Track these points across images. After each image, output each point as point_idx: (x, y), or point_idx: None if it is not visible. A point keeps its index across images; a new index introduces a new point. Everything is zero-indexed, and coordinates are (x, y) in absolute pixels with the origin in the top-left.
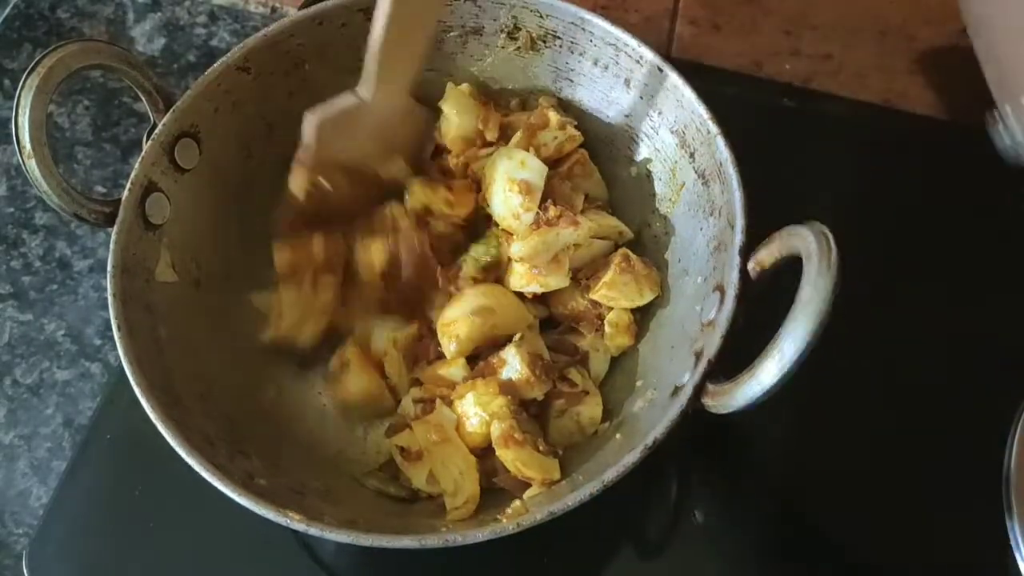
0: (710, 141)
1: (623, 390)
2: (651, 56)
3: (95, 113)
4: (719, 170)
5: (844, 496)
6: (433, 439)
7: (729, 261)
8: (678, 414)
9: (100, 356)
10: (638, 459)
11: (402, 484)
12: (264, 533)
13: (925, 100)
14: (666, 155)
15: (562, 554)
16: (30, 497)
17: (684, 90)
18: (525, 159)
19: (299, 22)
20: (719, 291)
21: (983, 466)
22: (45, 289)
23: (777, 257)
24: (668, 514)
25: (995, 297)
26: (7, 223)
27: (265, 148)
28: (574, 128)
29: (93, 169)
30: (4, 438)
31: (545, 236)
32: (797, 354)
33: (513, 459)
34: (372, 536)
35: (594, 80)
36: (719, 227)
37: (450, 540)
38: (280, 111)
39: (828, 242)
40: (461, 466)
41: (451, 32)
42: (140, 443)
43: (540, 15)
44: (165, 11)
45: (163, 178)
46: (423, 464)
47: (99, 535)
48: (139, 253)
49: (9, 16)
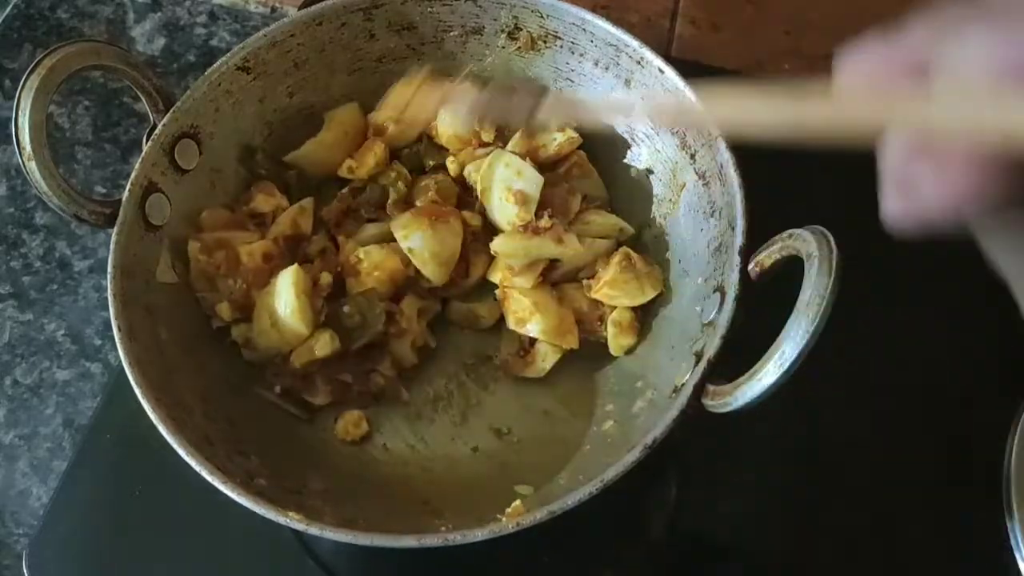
0: (711, 143)
1: (623, 390)
2: (652, 57)
3: (95, 113)
4: (720, 171)
5: (844, 495)
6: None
7: (729, 262)
8: (678, 414)
9: (100, 356)
10: (638, 459)
11: (302, 401)
12: (264, 533)
13: None
14: (667, 156)
15: (562, 553)
16: (30, 497)
17: (685, 91)
18: (521, 169)
19: (299, 22)
20: (719, 292)
21: (983, 466)
22: (45, 289)
23: (777, 258)
24: (668, 514)
25: (996, 297)
26: (7, 223)
27: (265, 148)
28: (573, 130)
29: (93, 169)
30: (4, 438)
31: (527, 242)
32: (797, 355)
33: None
34: (372, 536)
35: (595, 81)
36: (720, 228)
37: (450, 539)
38: (280, 111)
39: (829, 243)
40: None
41: (451, 32)
42: (140, 443)
43: (541, 15)
44: (165, 11)
45: (163, 179)
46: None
47: (99, 535)
48: (139, 254)
49: (9, 16)
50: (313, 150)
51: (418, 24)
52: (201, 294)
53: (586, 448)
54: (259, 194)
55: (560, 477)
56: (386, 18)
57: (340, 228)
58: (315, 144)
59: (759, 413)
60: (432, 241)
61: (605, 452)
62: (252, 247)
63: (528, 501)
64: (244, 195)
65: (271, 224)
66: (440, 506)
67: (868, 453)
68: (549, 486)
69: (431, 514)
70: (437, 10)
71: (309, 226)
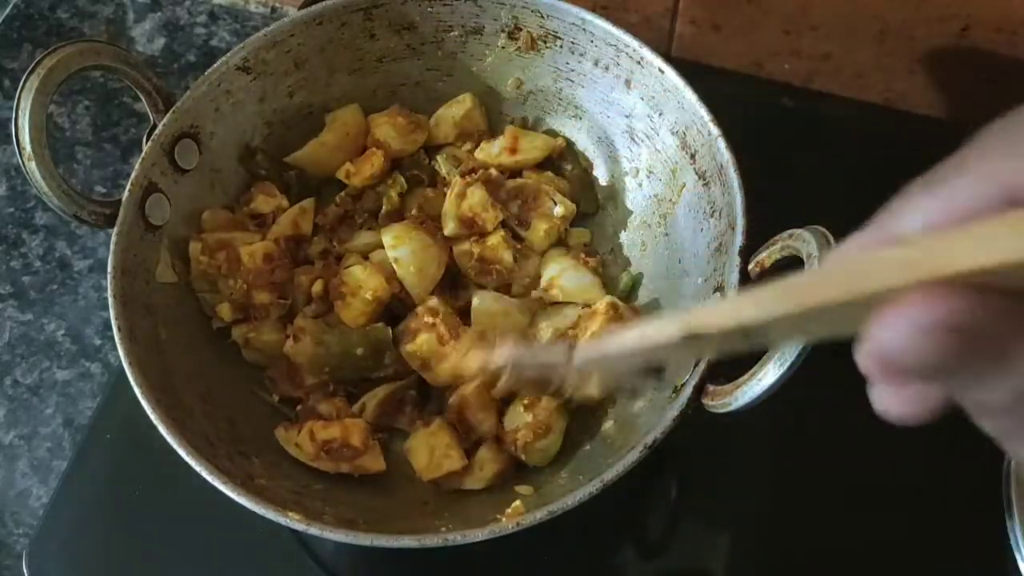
0: (711, 143)
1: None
2: (652, 57)
3: (95, 113)
4: (720, 172)
5: (844, 494)
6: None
7: (729, 262)
8: (678, 414)
9: (100, 356)
10: (638, 459)
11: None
12: (264, 532)
13: (925, 100)
14: (667, 156)
15: (561, 553)
16: (30, 497)
17: (685, 91)
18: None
19: (299, 22)
20: (719, 292)
21: (983, 466)
22: (45, 289)
23: (778, 258)
24: (667, 513)
25: None
26: (7, 223)
27: (265, 148)
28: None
29: (93, 169)
30: (4, 438)
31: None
32: (797, 354)
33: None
34: (372, 536)
35: (595, 81)
36: (719, 228)
37: (450, 539)
38: (280, 111)
39: (829, 243)
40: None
41: (451, 32)
42: (140, 443)
43: (541, 15)
44: (165, 11)
45: (163, 179)
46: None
47: (99, 535)
48: (139, 254)
49: (9, 16)
50: (315, 151)
51: (418, 24)
52: (202, 294)
53: (586, 448)
54: (259, 194)
55: (560, 477)
56: (386, 18)
57: (335, 233)
58: (317, 145)
59: (759, 413)
60: (418, 255)
61: (605, 452)
62: (253, 248)
63: (528, 501)
64: (244, 195)
65: (271, 224)
66: (440, 507)
67: (867, 453)
68: (549, 486)
69: (431, 515)
70: (437, 10)
71: (310, 227)
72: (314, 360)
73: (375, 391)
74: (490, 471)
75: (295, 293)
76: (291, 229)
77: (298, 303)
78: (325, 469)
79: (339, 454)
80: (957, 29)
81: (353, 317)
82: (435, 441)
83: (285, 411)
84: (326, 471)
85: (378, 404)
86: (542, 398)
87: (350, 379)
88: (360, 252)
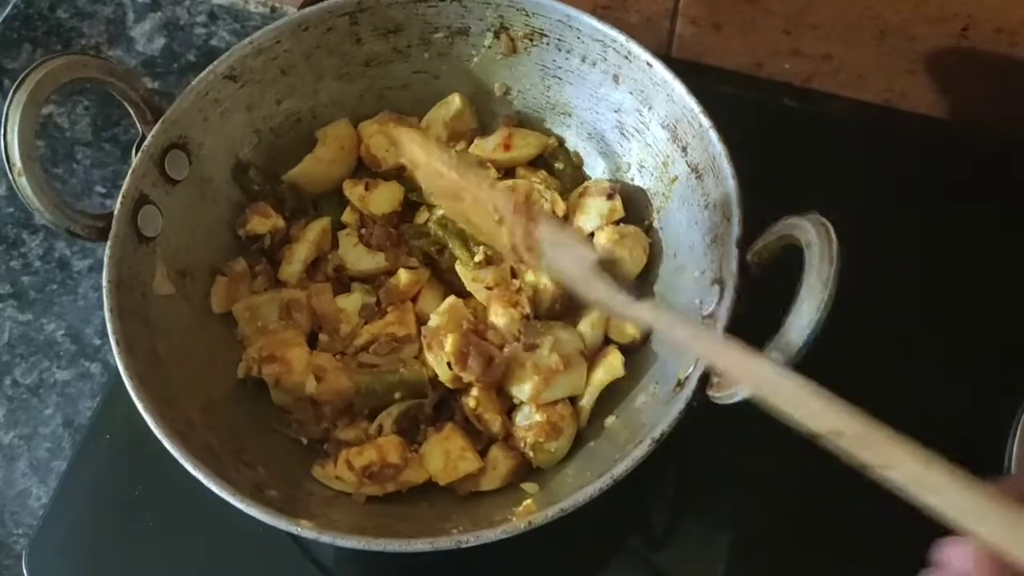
0: (702, 135)
1: (625, 385)
2: (639, 51)
3: (95, 113)
4: (712, 163)
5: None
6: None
7: (727, 254)
8: (685, 406)
9: (100, 356)
10: (647, 452)
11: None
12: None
13: (925, 100)
14: (658, 150)
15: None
16: (30, 497)
17: (674, 84)
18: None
19: (284, 28)
20: (718, 284)
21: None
22: (45, 289)
23: (776, 247)
24: (670, 507)
25: (994, 296)
26: (7, 223)
27: (256, 162)
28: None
29: (93, 169)
30: (4, 438)
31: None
32: (802, 344)
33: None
34: (384, 541)
35: (583, 77)
36: (715, 220)
37: (463, 541)
38: (268, 118)
39: (828, 232)
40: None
41: (437, 33)
42: (140, 443)
43: (527, 14)
44: (165, 11)
45: (154, 190)
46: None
47: (99, 535)
48: (134, 267)
49: (9, 16)
50: (311, 167)
51: (404, 26)
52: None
53: (590, 443)
54: (254, 216)
55: (566, 474)
56: (372, 22)
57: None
58: (312, 160)
59: (759, 407)
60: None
61: (609, 447)
62: (297, 351)
63: (536, 498)
64: (239, 219)
65: (268, 244)
66: (446, 508)
67: None
68: (555, 483)
69: (437, 517)
70: (423, 12)
71: (329, 243)
72: (347, 401)
73: (389, 410)
74: (504, 468)
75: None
76: (316, 251)
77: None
78: (372, 494)
79: (382, 475)
80: (957, 29)
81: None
82: (449, 445)
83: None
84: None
85: (394, 422)
86: (556, 403)
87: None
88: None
